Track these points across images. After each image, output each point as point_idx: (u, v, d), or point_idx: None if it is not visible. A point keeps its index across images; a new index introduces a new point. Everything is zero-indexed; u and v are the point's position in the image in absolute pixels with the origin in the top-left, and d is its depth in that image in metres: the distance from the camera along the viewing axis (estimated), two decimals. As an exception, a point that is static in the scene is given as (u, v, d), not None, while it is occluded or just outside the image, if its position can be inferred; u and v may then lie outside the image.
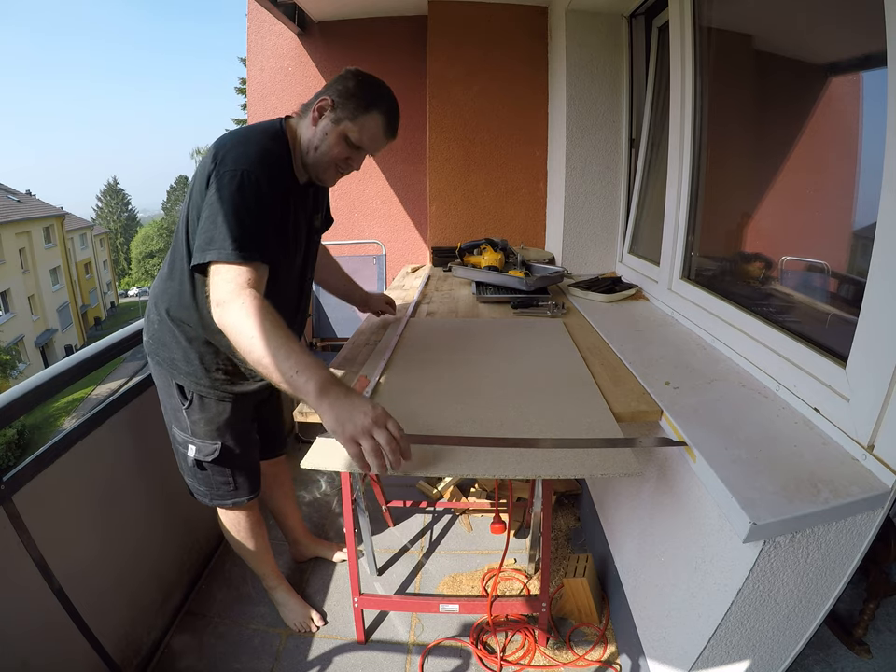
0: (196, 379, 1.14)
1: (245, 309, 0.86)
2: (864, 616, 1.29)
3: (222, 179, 0.93)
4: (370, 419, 0.76)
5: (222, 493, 1.26)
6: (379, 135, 1.06)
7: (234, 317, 0.86)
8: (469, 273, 2.01)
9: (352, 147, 1.06)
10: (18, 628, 1.01)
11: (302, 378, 0.81)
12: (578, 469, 0.84)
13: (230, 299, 0.88)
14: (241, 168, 0.93)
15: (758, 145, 1.40)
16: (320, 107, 1.04)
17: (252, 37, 2.84)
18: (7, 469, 1.01)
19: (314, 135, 1.05)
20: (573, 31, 1.99)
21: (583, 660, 1.38)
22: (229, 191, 0.92)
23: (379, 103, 1.04)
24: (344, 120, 1.03)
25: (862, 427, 0.81)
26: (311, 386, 0.80)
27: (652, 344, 1.36)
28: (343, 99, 1.02)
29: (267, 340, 0.83)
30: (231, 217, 0.91)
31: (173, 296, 1.10)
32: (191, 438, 1.19)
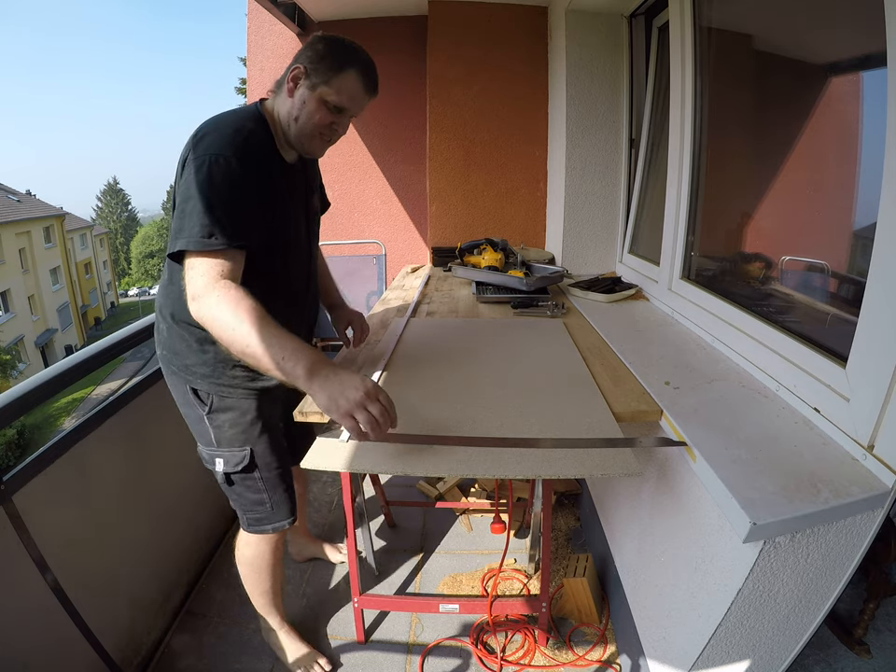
0: (215, 379, 1.09)
1: (221, 301, 0.85)
2: (864, 616, 1.29)
3: (192, 166, 0.90)
4: (361, 393, 0.79)
5: (258, 515, 1.18)
6: (359, 93, 1.02)
7: (211, 311, 0.85)
8: (469, 272, 2.01)
9: (333, 111, 1.02)
10: (18, 628, 1.01)
11: (290, 363, 0.82)
12: (578, 469, 0.84)
13: (204, 292, 0.86)
14: (210, 153, 0.90)
15: (758, 145, 1.40)
16: (294, 77, 1.00)
17: (252, 37, 2.84)
18: (7, 469, 1.01)
19: (292, 107, 1.01)
20: (573, 31, 1.99)
21: (583, 660, 1.38)
22: (197, 178, 0.89)
23: (352, 60, 1.00)
24: (320, 85, 0.99)
25: (862, 427, 0.81)
26: (300, 370, 0.81)
27: (652, 344, 1.36)
28: (315, 64, 0.99)
29: (247, 330, 0.83)
30: (200, 203, 0.88)
31: (175, 299, 1.06)
32: (217, 450, 1.12)
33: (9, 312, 16.82)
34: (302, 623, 1.50)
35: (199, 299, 0.86)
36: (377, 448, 0.90)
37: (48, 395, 1.12)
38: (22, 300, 17.56)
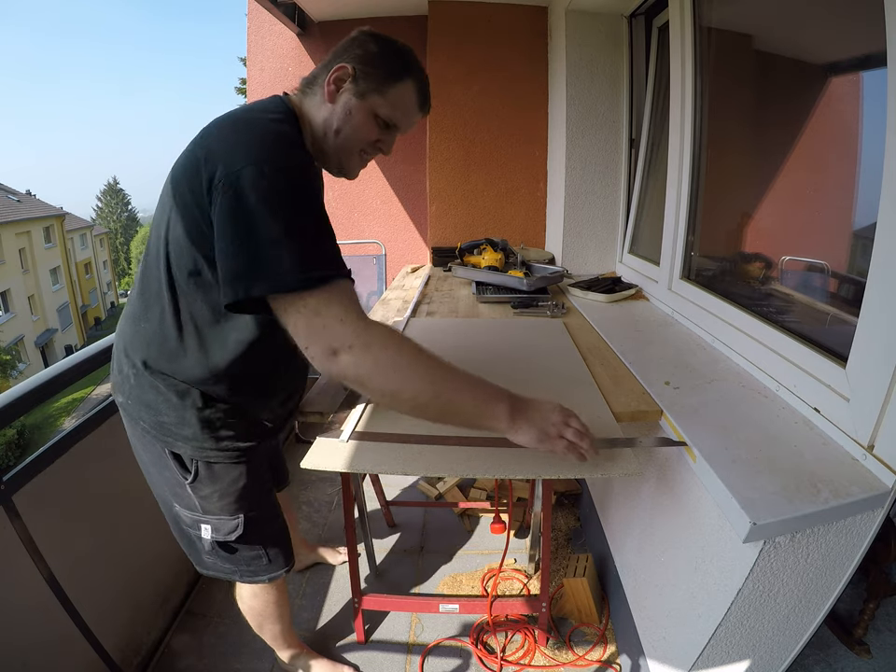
0: (199, 443, 0.89)
1: (391, 351, 0.70)
2: (864, 616, 1.29)
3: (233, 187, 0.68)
4: (559, 414, 0.78)
5: (254, 568, 1.03)
6: (414, 109, 0.88)
7: (382, 362, 0.70)
8: (469, 272, 2.01)
9: (383, 127, 0.86)
10: (17, 628, 1.01)
11: (490, 407, 0.74)
12: (578, 469, 0.84)
13: (359, 340, 0.69)
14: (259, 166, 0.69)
15: (758, 144, 1.40)
16: (337, 78, 0.82)
17: (252, 37, 2.84)
18: (7, 469, 1.01)
19: (331, 115, 0.83)
20: (573, 31, 1.99)
21: (583, 660, 1.38)
22: (255, 200, 0.68)
23: (412, 68, 0.85)
24: (371, 94, 0.82)
25: (862, 427, 0.81)
26: (501, 413, 0.74)
27: (652, 344, 1.36)
28: (367, 66, 0.82)
29: (433, 380, 0.71)
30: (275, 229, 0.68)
31: (150, 342, 0.85)
32: (203, 516, 0.95)
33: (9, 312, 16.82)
34: (303, 623, 1.50)
35: (356, 350, 0.69)
36: (377, 448, 0.90)
37: (48, 395, 1.12)
38: (22, 300, 17.56)
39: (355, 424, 0.96)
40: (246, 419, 0.94)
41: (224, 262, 0.71)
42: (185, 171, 0.76)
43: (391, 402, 0.74)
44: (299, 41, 2.79)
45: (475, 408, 0.74)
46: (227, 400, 0.89)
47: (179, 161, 0.79)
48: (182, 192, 0.75)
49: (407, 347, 0.72)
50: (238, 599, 1.17)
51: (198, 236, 0.75)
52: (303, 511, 1.98)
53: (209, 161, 0.72)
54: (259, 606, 1.14)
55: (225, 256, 0.70)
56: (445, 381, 0.73)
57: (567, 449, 0.76)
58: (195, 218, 0.74)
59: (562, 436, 0.76)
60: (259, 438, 0.98)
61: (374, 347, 0.70)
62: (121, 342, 0.91)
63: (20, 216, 17.78)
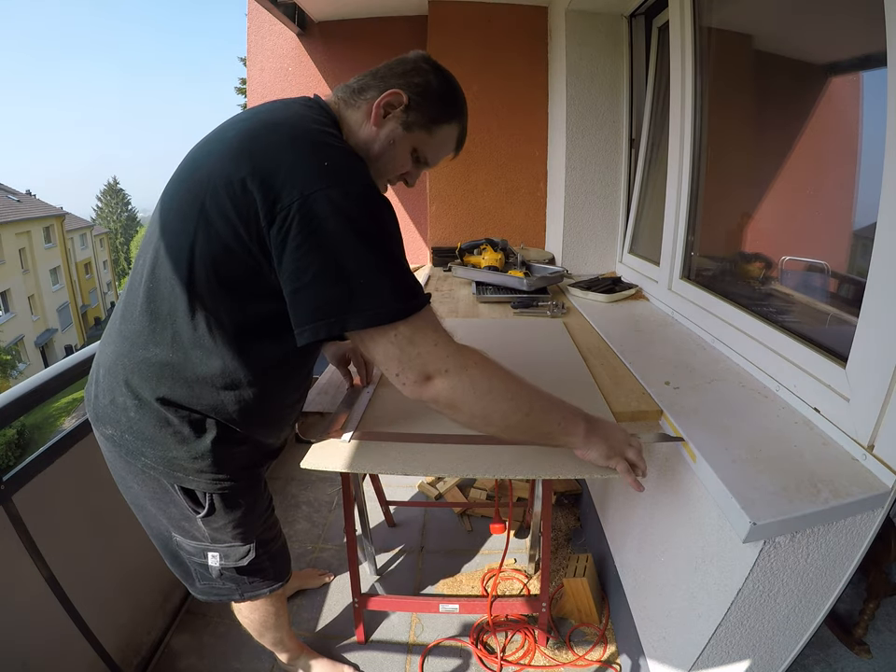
0: (214, 474, 0.83)
1: (486, 369, 0.71)
2: (864, 616, 1.29)
3: (318, 206, 0.63)
4: (623, 434, 0.82)
5: (256, 584, 1.00)
6: (450, 150, 0.87)
7: (479, 385, 0.70)
8: (469, 273, 2.02)
9: (417, 162, 0.84)
10: (17, 628, 1.01)
11: (570, 424, 0.77)
12: (578, 469, 0.84)
13: (454, 365, 0.69)
14: (357, 182, 0.66)
15: (758, 144, 1.40)
16: (388, 104, 0.77)
17: (252, 37, 2.84)
18: (7, 469, 1.01)
19: (373, 138, 0.79)
20: (573, 31, 1.99)
21: (583, 660, 1.38)
22: (334, 225, 0.63)
23: (462, 112, 0.84)
24: (419, 129, 0.80)
25: (862, 427, 0.81)
26: (580, 429, 0.78)
27: (652, 344, 1.36)
28: (423, 100, 0.78)
29: (523, 400, 0.73)
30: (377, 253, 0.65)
31: (164, 370, 0.76)
32: (211, 545, 0.91)
33: (9, 312, 16.81)
34: (303, 623, 1.50)
35: (451, 374, 0.69)
36: (377, 448, 0.90)
37: (48, 395, 1.12)
38: (22, 300, 17.56)
39: (356, 423, 0.96)
40: (260, 443, 0.91)
41: (307, 298, 0.65)
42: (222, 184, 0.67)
43: (481, 424, 0.73)
44: (299, 41, 2.79)
45: (559, 426, 0.76)
46: (243, 427, 0.84)
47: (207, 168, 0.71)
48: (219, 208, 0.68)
49: (498, 369, 0.73)
50: (237, 612, 1.14)
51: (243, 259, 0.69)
52: (303, 511, 1.98)
53: (266, 181, 0.65)
54: (260, 617, 1.12)
55: (307, 290, 0.65)
56: (534, 400, 0.74)
57: (626, 471, 0.79)
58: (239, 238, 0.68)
59: (625, 455, 0.80)
60: (269, 458, 0.97)
61: (470, 369, 0.70)
62: (119, 369, 0.79)
63: (20, 216, 17.77)
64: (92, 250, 26.15)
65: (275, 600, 1.10)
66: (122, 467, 0.87)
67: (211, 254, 0.70)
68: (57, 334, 19.56)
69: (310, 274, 0.64)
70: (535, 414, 0.74)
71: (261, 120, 0.73)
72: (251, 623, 1.15)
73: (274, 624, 1.16)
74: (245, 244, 0.68)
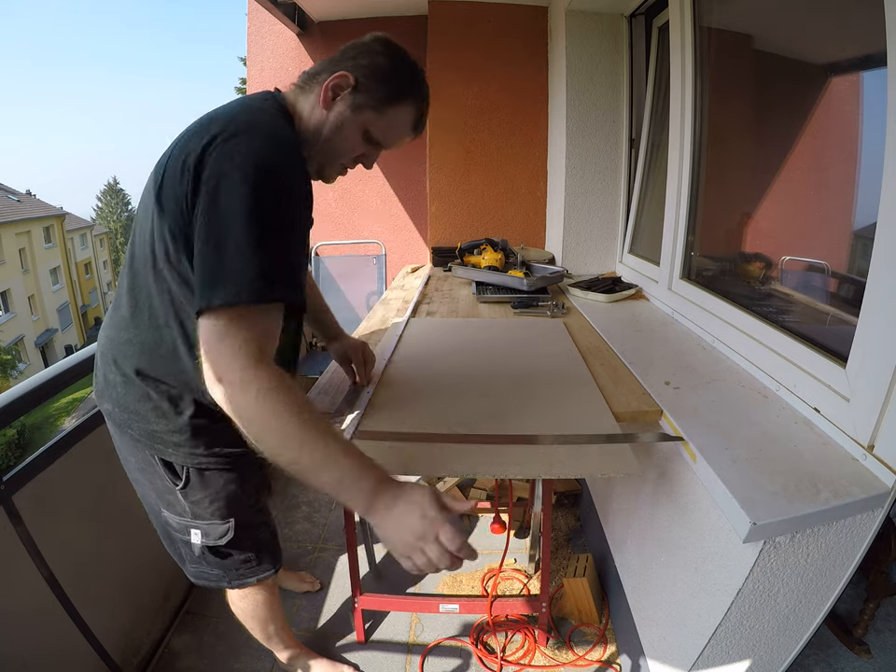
0: (190, 450, 0.87)
1: (267, 401, 0.64)
2: (864, 616, 1.29)
3: (226, 183, 0.66)
4: (414, 538, 0.65)
5: (242, 571, 1.01)
6: (406, 131, 0.85)
7: (250, 409, 0.65)
8: (469, 273, 2.01)
9: (370, 144, 0.84)
10: (18, 628, 1.01)
11: (348, 491, 0.67)
12: (578, 469, 0.84)
13: (240, 380, 0.64)
14: (258, 163, 0.66)
15: (758, 144, 1.40)
16: (336, 85, 0.79)
17: (252, 37, 2.84)
18: (7, 469, 1.01)
19: (323, 121, 0.81)
20: (573, 31, 1.99)
21: (583, 660, 1.38)
22: (239, 201, 0.65)
23: (415, 90, 0.82)
24: (367, 110, 0.80)
25: (862, 427, 0.81)
26: (360, 501, 0.67)
27: (652, 344, 1.36)
28: (370, 81, 0.79)
29: (293, 447, 0.65)
30: (251, 237, 0.65)
31: (143, 348, 0.82)
32: (193, 521, 0.93)
33: (9, 312, 16.81)
34: (303, 623, 1.50)
35: (233, 387, 0.65)
36: (377, 448, 0.90)
37: (48, 395, 1.12)
38: (22, 300, 17.55)
39: (356, 423, 0.96)
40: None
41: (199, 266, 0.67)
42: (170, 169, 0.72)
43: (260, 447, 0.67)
44: (299, 41, 2.80)
45: (335, 487, 0.67)
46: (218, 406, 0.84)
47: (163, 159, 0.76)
48: (168, 191, 0.72)
49: (283, 406, 0.65)
50: (230, 603, 1.16)
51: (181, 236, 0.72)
52: (303, 511, 1.98)
53: (198, 159, 0.68)
54: (249, 607, 1.13)
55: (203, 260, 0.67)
56: (307, 451, 0.65)
57: (409, 568, 0.66)
58: (178, 218, 0.71)
59: (408, 557, 0.66)
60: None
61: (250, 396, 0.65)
62: (109, 350, 0.87)
63: (20, 216, 17.77)
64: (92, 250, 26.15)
65: (265, 591, 1.10)
66: (119, 439, 0.93)
67: (162, 235, 0.75)
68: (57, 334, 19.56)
69: (203, 244, 0.67)
70: (303, 465, 0.65)
71: (212, 112, 0.78)
72: (241, 613, 1.16)
73: (265, 616, 1.15)
74: (186, 220, 0.71)
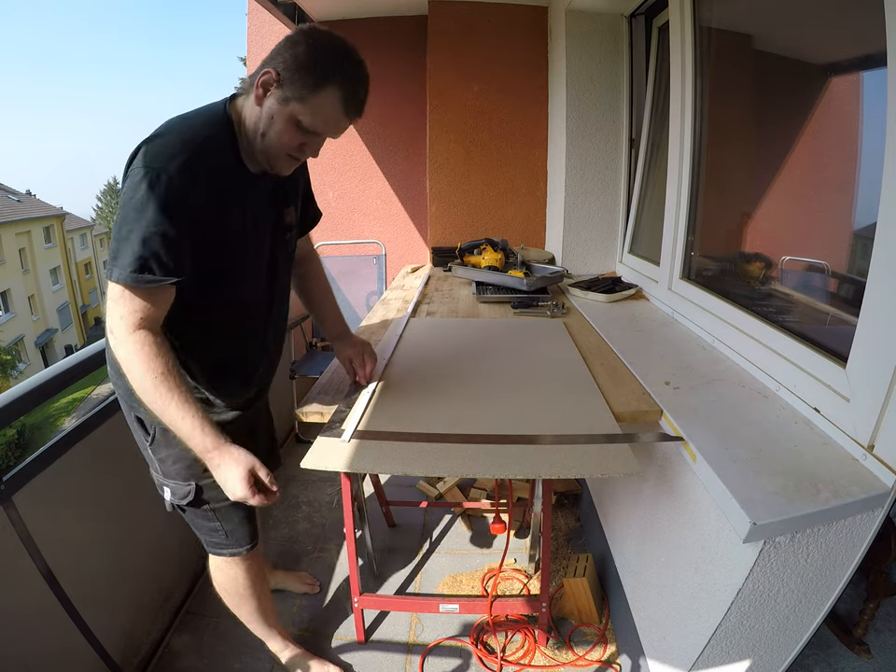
0: None
1: (133, 359, 0.82)
2: (864, 616, 1.29)
3: (131, 178, 0.79)
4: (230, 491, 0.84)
5: (216, 541, 1.10)
6: (338, 116, 0.86)
7: (122, 359, 0.83)
8: (469, 272, 2.02)
9: (306, 133, 0.87)
10: (18, 628, 1.01)
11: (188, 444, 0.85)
12: (578, 469, 0.84)
13: (119, 335, 0.82)
14: (152, 166, 0.78)
15: (758, 144, 1.40)
16: (263, 82, 0.83)
17: (252, 37, 2.84)
18: (7, 469, 1.01)
19: (258, 118, 0.86)
20: (573, 31, 1.99)
21: (583, 660, 1.38)
22: (134, 196, 0.78)
23: (335, 74, 0.82)
24: (293, 101, 0.83)
25: (862, 427, 0.81)
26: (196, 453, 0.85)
27: (652, 344, 1.36)
28: (291, 73, 0.82)
29: (151, 399, 0.83)
30: (136, 228, 0.78)
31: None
32: (164, 479, 1.03)
33: (9, 312, 16.80)
34: (303, 623, 1.50)
35: (116, 337, 0.83)
36: (377, 448, 0.90)
37: (48, 395, 1.12)
38: (22, 300, 17.54)
39: (356, 423, 0.96)
40: (205, 395, 1.01)
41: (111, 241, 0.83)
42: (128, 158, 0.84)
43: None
44: (299, 41, 2.79)
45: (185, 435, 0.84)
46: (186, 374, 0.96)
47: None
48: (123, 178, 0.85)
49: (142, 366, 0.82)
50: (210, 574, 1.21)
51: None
52: (303, 511, 1.98)
53: (134, 151, 0.82)
54: (223, 581, 1.18)
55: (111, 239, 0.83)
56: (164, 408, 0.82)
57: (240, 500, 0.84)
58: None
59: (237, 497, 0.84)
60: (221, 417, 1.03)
61: (124, 349, 0.82)
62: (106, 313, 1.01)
63: (20, 216, 17.75)
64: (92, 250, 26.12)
65: (240, 569, 1.15)
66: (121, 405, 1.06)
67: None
68: (57, 334, 19.54)
69: (114, 224, 0.82)
70: (157, 414, 0.84)
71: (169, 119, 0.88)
72: (217, 586, 1.21)
73: (240, 593, 1.19)
74: None
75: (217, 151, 0.86)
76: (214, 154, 0.85)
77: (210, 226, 0.86)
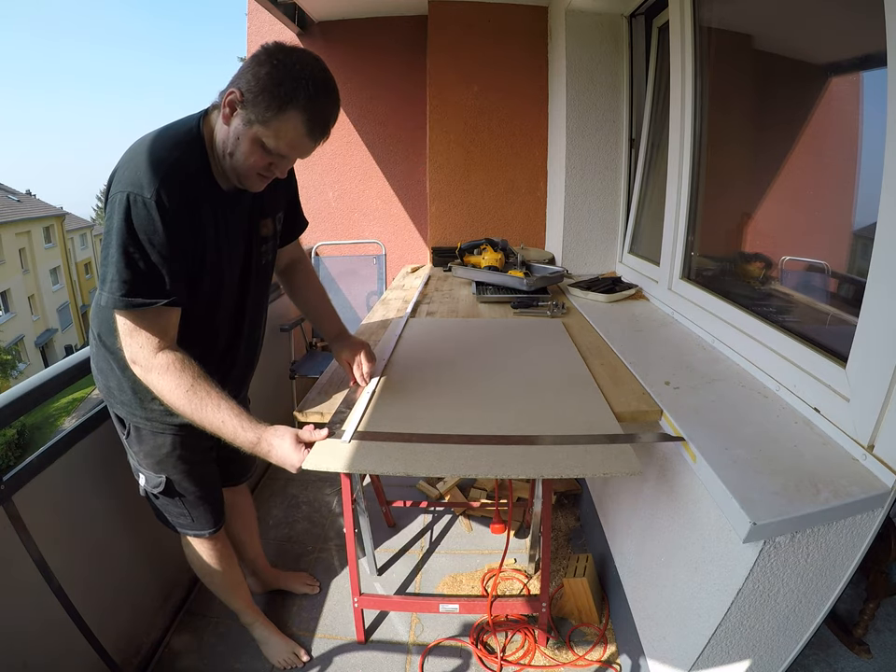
0: (131, 409, 1.03)
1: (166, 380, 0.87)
2: (864, 616, 1.29)
3: (112, 204, 0.82)
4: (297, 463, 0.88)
5: (181, 523, 1.17)
6: (302, 140, 0.85)
7: (157, 385, 0.88)
8: (469, 272, 2.02)
9: (271, 154, 0.86)
10: (18, 628, 1.01)
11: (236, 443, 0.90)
12: (579, 469, 0.84)
13: (144, 364, 0.88)
14: (127, 191, 0.80)
15: (758, 144, 1.40)
16: (229, 102, 0.83)
17: (252, 37, 2.83)
18: (7, 469, 1.01)
19: (226, 136, 0.86)
20: (573, 31, 1.99)
21: (583, 660, 1.38)
22: (117, 222, 0.80)
23: (296, 97, 0.80)
24: (256, 124, 0.82)
25: (862, 427, 0.81)
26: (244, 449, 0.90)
27: (652, 344, 1.36)
28: (254, 94, 0.81)
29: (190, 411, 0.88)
30: (118, 253, 0.81)
31: (103, 319, 0.99)
32: (140, 468, 1.10)
33: (9, 312, 16.79)
34: (303, 623, 1.50)
35: (141, 367, 0.88)
36: (377, 448, 0.90)
37: (48, 395, 1.12)
38: (22, 300, 17.53)
39: (356, 424, 0.96)
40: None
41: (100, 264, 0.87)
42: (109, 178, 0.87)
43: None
44: (299, 41, 2.79)
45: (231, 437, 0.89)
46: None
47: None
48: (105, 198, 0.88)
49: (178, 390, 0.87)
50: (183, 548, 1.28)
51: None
52: (303, 511, 1.98)
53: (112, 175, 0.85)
54: (191, 555, 1.26)
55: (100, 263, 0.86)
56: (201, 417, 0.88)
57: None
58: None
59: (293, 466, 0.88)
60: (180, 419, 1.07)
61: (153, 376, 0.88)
62: (90, 316, 1.07)
63: (20, 216, 17.74)
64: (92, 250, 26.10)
65: (206, 547, 1.23)
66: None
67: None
68: (57, 334, 19.54)
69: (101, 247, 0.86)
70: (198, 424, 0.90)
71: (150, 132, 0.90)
72: (187, 558, 1.28)
73: (207, 568, 1.26)
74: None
75: (188, 173, 0.87)
76: (185, 175, 0.86)
77: (186, 245, 0.88)
